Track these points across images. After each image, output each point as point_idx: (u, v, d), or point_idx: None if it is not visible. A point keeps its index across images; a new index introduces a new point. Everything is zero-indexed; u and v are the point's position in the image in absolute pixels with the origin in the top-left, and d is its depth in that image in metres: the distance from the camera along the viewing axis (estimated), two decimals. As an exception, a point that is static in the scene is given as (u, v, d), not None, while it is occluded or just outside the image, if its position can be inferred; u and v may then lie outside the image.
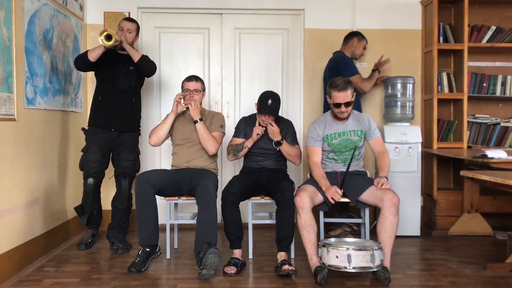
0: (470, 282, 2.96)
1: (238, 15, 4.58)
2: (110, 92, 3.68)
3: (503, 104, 4.67)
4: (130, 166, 3.72)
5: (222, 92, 4.61)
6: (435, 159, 4.35)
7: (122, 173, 3.70)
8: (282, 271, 2.96)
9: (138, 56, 3.62)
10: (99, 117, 3.69)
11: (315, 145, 3.31)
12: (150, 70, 3.72)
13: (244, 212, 3.43)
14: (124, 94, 3.70)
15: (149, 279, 3.01)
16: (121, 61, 3.69)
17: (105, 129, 3.66)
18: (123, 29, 3.67)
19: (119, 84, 3.68)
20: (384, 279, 2.87)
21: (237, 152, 3.44)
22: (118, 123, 3.67)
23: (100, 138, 3.65)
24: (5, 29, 2.98)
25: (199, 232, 3.12)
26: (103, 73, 3.70)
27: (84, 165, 3.63)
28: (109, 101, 3.67)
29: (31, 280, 3.00)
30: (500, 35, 4.45)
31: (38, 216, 3.45)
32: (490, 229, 4.20)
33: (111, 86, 3.67)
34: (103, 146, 3.66)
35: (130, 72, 3.70)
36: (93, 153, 3.61)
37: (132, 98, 3.75)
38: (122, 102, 3.69)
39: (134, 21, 3.77)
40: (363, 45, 4.27)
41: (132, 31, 3.69)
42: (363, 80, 4.17)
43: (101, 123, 3.67)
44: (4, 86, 2.96)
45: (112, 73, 3.67)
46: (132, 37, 3.70)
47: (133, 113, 3.79)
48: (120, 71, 3.68)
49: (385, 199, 3.01)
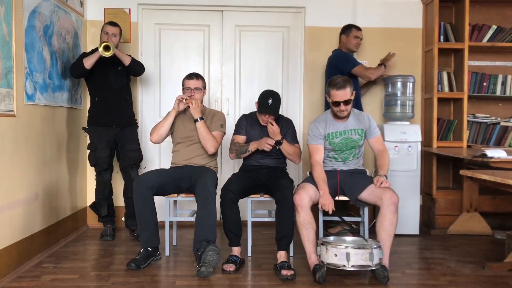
0: (468, 281, 2.96)
1: (238, 12, 4.57)
2: (105, 92, 3.92)
3: (503, 103, 4.67)
4: (136, 156, 3.98)
5: (222, 90, 4.61)
6: (434, 158, 4.35)
7: (129, 164, 3.94)
8: (281, 276, 2.96)
9: (128, 59, 3.88)
10: (100, 117, 3.91)
11: (318, 143, 3.30)
12: (139, 70, 4.01)
13: (243, 209, 3.43)
14: (119, 92, 3.96)
15: (147, 276, 3.02)
16: (110, 63, 3.87)
17: (107, 127, 3.90)
18: (109, 34, 3.86)
19: (112, 84, 3.91)
20: (383, 277, 2.87)
21: (240, 154, 3.44)
22: (118, 120, 3.92)
23: (105, 136, 3.89)
24: (5, 25, 2.97)
25: (198, 229, 3.12)
26: (95, 76, 3.89)
27: (97, 161, 3.90)
28: (106, 100, 3.91)
29: (30, 276, 3.00)
30: (500, 35, 4.44)
31: (37, 212, 3.45)
32: (489, 229, 4.20)
33: (105, 86, 3.91)
34: (109, 142, 3.91)
35: (120, 72, 3.94)
36: (102, 150, 3.88)
37: (126, 95, 4.02)
38: (118, 99, 3.95)
39: (117, 24, 3.96)
40: (354, 36, 4.20)
41: (116, 34, 3.91)
42: (367, 69, 4.14)
43: (102, 122, 3.90)
44: (4, 81, 2.96)
45: (104, 75, 3.89)
46: (117, 40, 3.92)
47: (130, 109, 4.06)
48: (111, 72, 3.91)
49: (384, 198, 3.01)
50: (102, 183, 3.94)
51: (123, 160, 3.97)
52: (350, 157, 3.34)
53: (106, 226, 4.01)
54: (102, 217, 4.01)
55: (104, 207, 3.98)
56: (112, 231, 4.00)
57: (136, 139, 4.03)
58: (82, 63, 3.75)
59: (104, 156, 3.88)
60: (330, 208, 3.09)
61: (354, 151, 3.33)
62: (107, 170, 3.94)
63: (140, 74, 4.07)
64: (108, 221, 4.02)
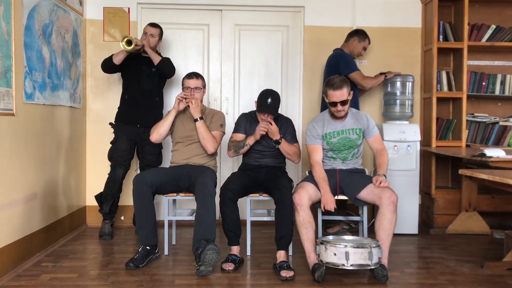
0: (467, 281, 2.97)
1: (238, 12, 4.57)
2: (135, 91, 3.98)
3: (502, 103, 4.67)
4: (154, 159, 4.00)
5: (221, 89, 4.61)
6: (433, 158, 4.35)
7: (147, 165, 3.96)
8: (281, 277, 2.95)
9: (158, 59, 3.90)
10: (127, 114, 3.98)
11: (316, 143, 3.30)
12: (168, 72, 4.02)
13: (243, 209, 3.43)
14: (149, 93, 4.00)
15: (147, 275, 3.02)
16: (145, 63, 3.96)
17: (131, 125, 3.95)
18: (147, 34, 3.95)
19: (143, 84, 3.97)
20: (382, 276, 2.88)
21: (238, 149, 3.43)
22: (143, 120, 3.93)
23: (127, 131, 3.93)
24: (4, 24, 2.97)
25: (197, 228, 3.12)
26: (129, 74, 3.99)
27: (113, 154, 3.91)
28: (135, 99, 3.97)
29: (29, 275, 3.00)
30: (499, 34, 4.45)
31: (36, 211, 3.44)
32: (488, 228, 4.21)
33: (136, 86, 3.97)
34: (130, 138, 3.94)
35: (153, 73, 3.98)
36: (122, 142, 3.91)
37: (156, 97, 4.04)
38: (147, 100, 3.99)
39: (158, 26, 4.02)
40: (363, 46, 4.22)
41: (155, 35, 3.98)
42: (364, 77, 4.15)
43: (128, 119, 3.97)
44: (3, 80, 2.95)
45: (137, 74, 3.97)
46: (155, 41, 3.99)
47: (157, 110, 4.05)
48: (143, 72, 3.97)
49: (383, 197, 3.01)
50: (113, 179, 3.91)
51: (142, 160, 4.01)
52: (349, 157, 3.34)
53: (104, 222, 3.99)
54: (103, 212, 3.99)
55: (108, 203, 3.94)
56: (110, 229, 3.98)
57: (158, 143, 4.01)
58: (111, 58, 3.85)
59: (122, 149, 3.88)
60: (332, 207, 3.10)
61: (353, 150, 3.34)
62: (121, 166, 3.90)
63: (171, 76, 4.07)
64: (107, 217, 4.00)
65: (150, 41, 3.93)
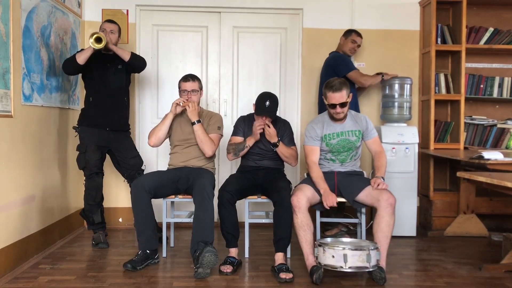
0: (465, 283, 2.97)
1: (236, 14, 4.58)
2: (102, 92, 3.72)
3: (500, 105, 4.68)
4: (138, 162, 3.83)
5: (219, 91, 4.61)
6: (431, 160, 4.36)
7: (135, 171, 3.79)
8: (280, 279, 2.95)
9: (128, 54, 3.70)
10: (94, 117, 3.71)
11: (314, 144, 3.31)
12: (141, 65, 3.83)
13: (241, 211, 3.43)
14: (117, 93, 3.78)
15: (144, 277, 3.01)
16: (109, 61, 3.74)
17: (100, 129, 3.71)
18: (106, 30, 3.72)
19: (111, 83, 3.73)
20: (380, 279, 2.88)
21: (238, 152, 3.43)
22: (113, 122, 3.74)
23: (97, 138, 3.69)
24: (3, 25, 2.97)
25: (195, 230, 3.11)
26: (92, 74, 3.73)
27: (87, 164, 3.68)
28: (102, 101, 3.71)
29: (27, 277, 2.99)
30: (497, 37, 4.46)
31: (34, 213, 3.44)
32: (486, 230, 4.21)
33: (102, 86, 3.72)
34: (100, 145, 3.71)
35: (119, 71, 3.77)
36: (93, 152, 3.67)
37: (124, 97, 3.84)
38: (116, 101, 3.77)
39: (115, 22, 3.84)
40: (351, 40, 4.20)
41: (114, 32, 3.77)
42: (362, 75, 4.16)
43: (95, 123, 3.70)
44: (1, 82, 2.95)
45: (102, 73, 3.72)
46: (115, 38, 3.77)
47: (127, 111, 3.89)
48: (109, 70, 3.73)
49: (381, 199, 3.01)
50: (95, 188, 3.71)
51: (126, 168, 3.80)
52: (347, 159, 3.34)
53: (98, 233, 3.79)
54: (95, 224, 3.79)
55: (96, 213, 3.76)
56: (105, 238, 3.80)
57: (133, 145, 3.91)
58: (75, 58, 3.56)
59: (95, 159, 3.66)
60: (334, 201, 3.10)
61: (352, 152, 3.34)
62: (99, 174, 3.72)
63: (142, 69, 3.88)
64: (100, 227, 3.81)
65: (111, 38, 3.69)
